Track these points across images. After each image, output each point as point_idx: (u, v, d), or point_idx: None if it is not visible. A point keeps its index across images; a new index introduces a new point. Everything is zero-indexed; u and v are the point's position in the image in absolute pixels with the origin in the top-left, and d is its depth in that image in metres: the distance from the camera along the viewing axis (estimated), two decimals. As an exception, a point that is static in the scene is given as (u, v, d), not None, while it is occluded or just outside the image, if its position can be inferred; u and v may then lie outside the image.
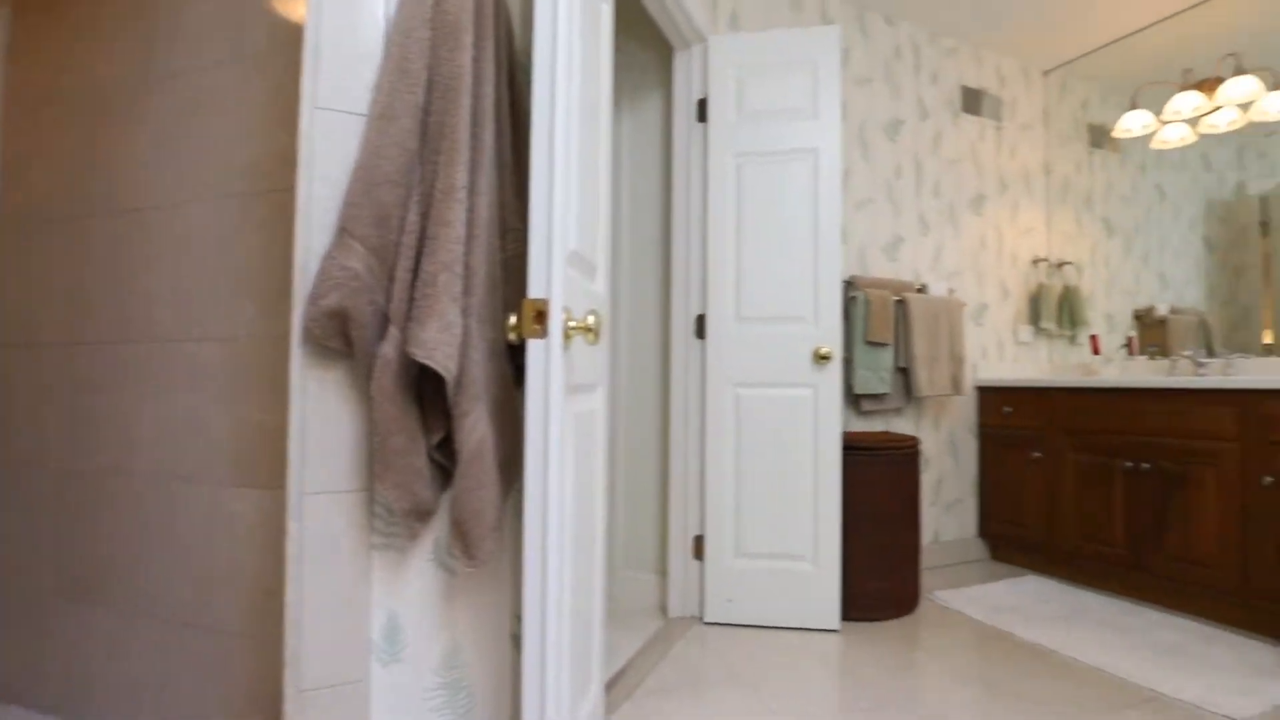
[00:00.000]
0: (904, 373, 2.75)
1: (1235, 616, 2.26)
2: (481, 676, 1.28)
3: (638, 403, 2.47)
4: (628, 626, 2.18)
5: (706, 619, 2.24)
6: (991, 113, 3.26)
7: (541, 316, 1.06)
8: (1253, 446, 2.20)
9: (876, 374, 2.62)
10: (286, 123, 1.32)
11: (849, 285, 2.67)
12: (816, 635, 2.16)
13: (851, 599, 2.27)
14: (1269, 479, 2.14)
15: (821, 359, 2.20)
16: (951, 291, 2.93)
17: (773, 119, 2.27)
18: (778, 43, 2.29)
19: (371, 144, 1.10)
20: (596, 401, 1.38)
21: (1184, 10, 2.89)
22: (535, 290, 1.06)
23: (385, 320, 1.10)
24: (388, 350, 1.07)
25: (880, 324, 2.60)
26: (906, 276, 2.94)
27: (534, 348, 1.06)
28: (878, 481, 2.31)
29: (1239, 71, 2.70)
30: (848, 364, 2.67)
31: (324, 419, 1.11)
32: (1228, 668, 1.93)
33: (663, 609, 2.36)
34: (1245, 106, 2.69)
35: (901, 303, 2.71)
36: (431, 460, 1.16)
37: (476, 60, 1.20)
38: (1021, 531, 2.92)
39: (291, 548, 1.07)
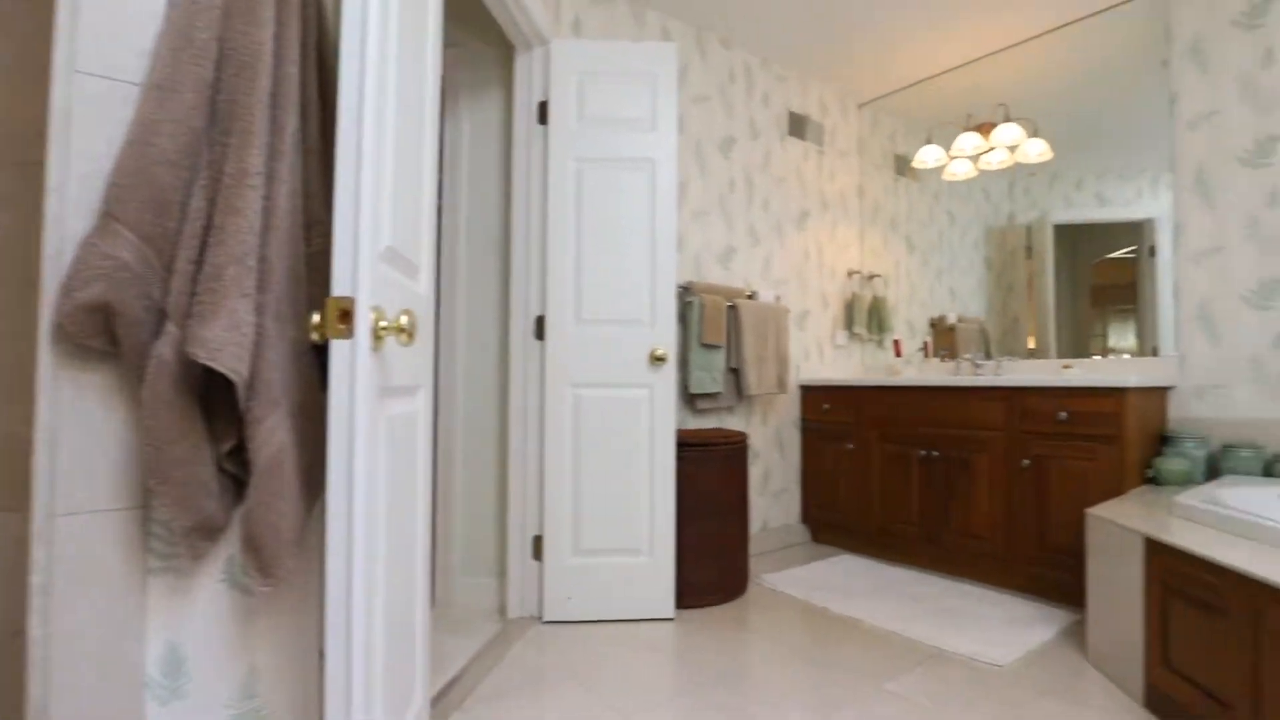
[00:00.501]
0: (735, 373, 2.92)
1: (1004, 579, 2.65)
2: (285, 704, 1.19)
3: (477, 404, 2.42)
4: (464, 632, 2.13)
5: (546, 618, 2.24)
6: (815, 138, 3.56)
7: (347, 315, 1.00)
8: (1015, 434, 2.59)
9: (710, 374, 2.76)
10: (41, 87, 1.14)
11: (685, 290, 2.80)
12: (652, 625, 2.24)
13: (686, 587, 2.38)
14: (1026, 461, 2.53)
15: (657, 360, 2.28)
16: (778, 299, 3.16)
17: (613, 127, 2.33)
18: (619, 53, 2.34)
19: (147, 118, 0.98)
20: (418, 404, 1.34)
21: (964, 65, 3.35)
22: (340, 287, 1.01)
23: (162, 317, 0.99)
24: (164, 350, 0.96)
25: (714, 327, 2.75)
26: (738, 284, 3.14)
27: (338, 349, 1.00)
28: (710, 475, 2.44)
29: (1007, 119, 3.17)
30: (683, 365, 2.80)
31: (83, 428, 0.97)
32: (997, 623, 2.26)
33: (502, 612, 2.32)
34: (1013, 149, 3.16)
35: (733, 308, 2.88)
36: (222, 471, 1.06)
37: (278, 37, 1.11)
38: (838, 515, 3.22)
39: (36, 578, 0.92)
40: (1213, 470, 2.48)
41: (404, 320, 1.08)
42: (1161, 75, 2.71)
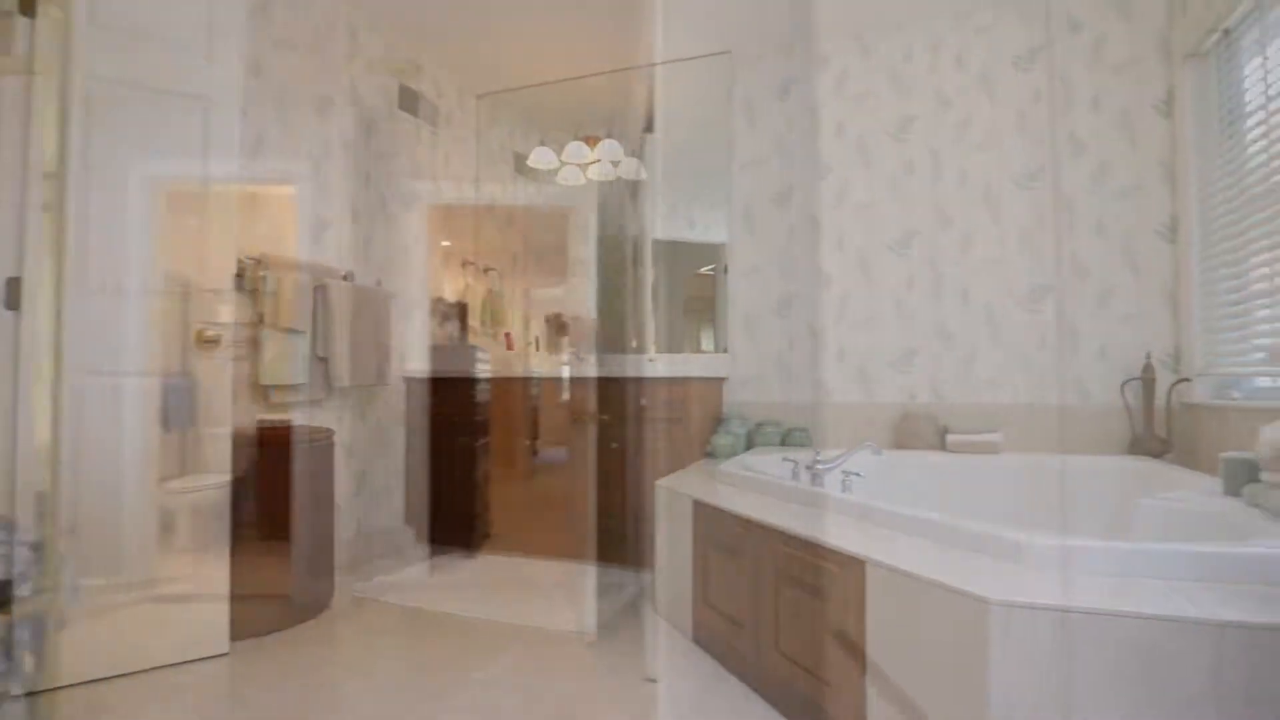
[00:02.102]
0: (325, 362, 2.58)
1: (599, 553, 2.85)
2: None
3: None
4: None
5: (29, 689, 1.62)
6: (428, 118, 3.40)
7: None
8: (609, 419, 2.82)
9: (289, 363, 2.37)
10: None
11: (258, 264, 2.36)
12: (201, 665, 1.82)
13: (248, 613, 1.98)
14: (615, 444, 2.78)
15: (207, 343, 1.86)
16: (380, 283, 2.91)
17: (147, 45, 1.83)
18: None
19: None
20: None
21: (570, 79, 3.56)
22: None
23: None
24: None
25: (295, 309, 2.37)
26: (331, 262, 2.78)
27: None
28: (284, 480, 2.09)
29: (609, 136, 3.48)
30: (254, 351, 2.36)
31: None
32: (587, 594, 2.42)
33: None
34: (616, 164, 3.48)
35: (322, 289, 2.53)
36: None
37: None
38: (443, 511, 3.11)
39: None
40: (751, 443, 3.07)
41: None
42: (727, 125, 3.27)
